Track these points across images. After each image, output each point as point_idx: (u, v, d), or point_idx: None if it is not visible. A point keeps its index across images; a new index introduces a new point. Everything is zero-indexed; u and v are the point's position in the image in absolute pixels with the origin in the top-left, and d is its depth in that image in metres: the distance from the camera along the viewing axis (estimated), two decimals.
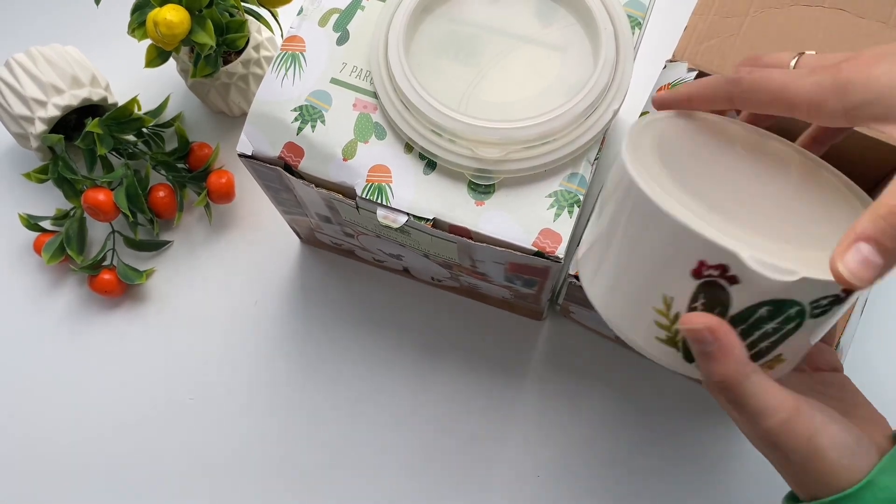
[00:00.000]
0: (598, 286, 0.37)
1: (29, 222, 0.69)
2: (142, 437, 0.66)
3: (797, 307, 0.32)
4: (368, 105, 0.51)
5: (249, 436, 0.66)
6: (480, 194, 0.49)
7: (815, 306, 0.32)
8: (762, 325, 0.32)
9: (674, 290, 0.33)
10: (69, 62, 0.68)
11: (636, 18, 0.52)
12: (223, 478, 0.65)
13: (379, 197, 0.50)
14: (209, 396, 0.67)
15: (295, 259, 0.71)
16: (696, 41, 0.56)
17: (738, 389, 0.32)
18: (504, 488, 0.63)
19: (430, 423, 0.65)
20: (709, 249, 0.31)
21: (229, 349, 0.68)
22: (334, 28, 0.53)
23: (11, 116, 0.68)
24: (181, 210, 0.70)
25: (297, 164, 0.51)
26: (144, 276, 0.69)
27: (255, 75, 0.70)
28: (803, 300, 0.32)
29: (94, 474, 0.65)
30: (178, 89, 0.75)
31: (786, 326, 0.33)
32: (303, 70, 0.52)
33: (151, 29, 0.59)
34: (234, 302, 0.69)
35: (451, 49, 0.52)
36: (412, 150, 0.50)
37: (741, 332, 0.33)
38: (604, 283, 0.37)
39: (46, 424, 0.67)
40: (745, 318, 0.32)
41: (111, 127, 0.68)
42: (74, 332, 0.69)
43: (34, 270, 0.71)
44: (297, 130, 0.51)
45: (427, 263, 0.60)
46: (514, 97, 0.50)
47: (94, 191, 0.67)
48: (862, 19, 0.56)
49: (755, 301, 0.32)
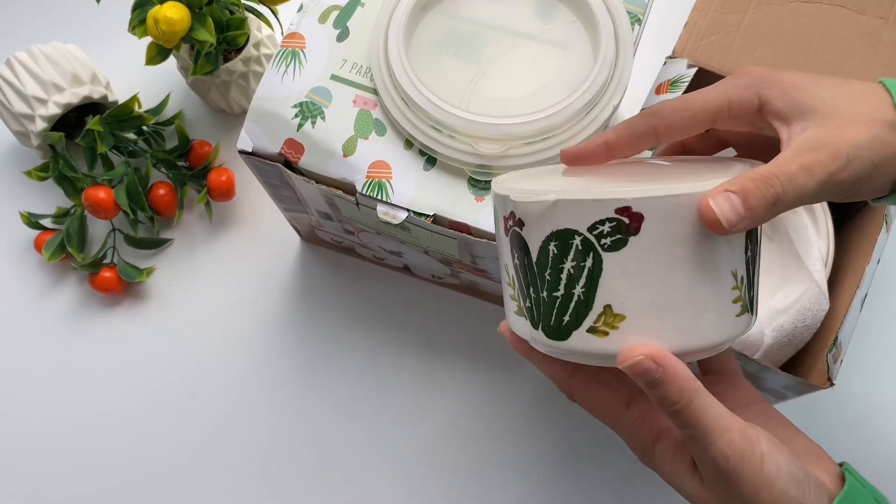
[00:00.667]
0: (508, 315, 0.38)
1: (29, 220, 0.69)
2: (142, 434, 0.66)
3: (578, 237, 0.31)
4: (368, 101, 0.51)
5: (250, 433, 0.66)
6: (480, 190, 0.49)
7: (598, 235, 0.31)
8: (560, 265, 0.32)
9: (505, 257, 0.35)
10: (70, 60, 0.69)
11: (636, 15, 0.53)
12: (224, 475, 0.65)
13: (379, 193, 0.50)
14: (209, 394, 0.67)
15: (295, 257, 0.71)
16: (697, 37, 0.56)
17: (689, 408, 0.31)
18: (505, 485, 0.63)
19: (430, 420, 0.65)
20: (501, 203, 0.34)
21: (230, 347, 0.68)
22: (334, 25, 0.53)
23: (12, 114, 0.68)
24: (181, 208, 0.70)
25: (297, 160, 0.51)
26: (145, 274, 0.69)
27: (256, 73, 0.70)
28: (579, 227, 0.31)
29: (94, 471, 0.65)
30: (179, 87, 0.75)
31: (584, 264, 0.31)
32: (303, 67, 0.52)
33: (152, 26, 0.59)
34: (235, 299, 0.69)
35: (451, 46, 0.52)
36: (412, 147, 0.50)
37: (551, 280, 0.32)
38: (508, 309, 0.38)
39: (47, 422, 0.67)
40: (545, 261, 0.32)
41: (112, 125, 0.68)
42: (75, 329, 0.69)
43: (35, 268, 0.71)
44: (298, 127, 0.51)
45: (427, 260, 0.60)
46: (514, 93, 0.50)
47: (94, 188, 0.67)
48: (861, 16, 0.56)
49: (542, 238, 0.32)
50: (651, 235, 0.30)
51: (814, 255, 0.58)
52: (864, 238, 0.56)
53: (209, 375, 0.67)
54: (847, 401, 0.65)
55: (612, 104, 0.49)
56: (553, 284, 0.32)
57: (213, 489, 0.64)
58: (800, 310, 0.56)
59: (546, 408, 0.65)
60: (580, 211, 0.31)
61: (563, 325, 0.33)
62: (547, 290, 0.33)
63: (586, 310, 0.32)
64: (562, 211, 0.31)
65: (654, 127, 0.36)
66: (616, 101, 0.49)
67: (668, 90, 0.54)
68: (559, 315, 0.33)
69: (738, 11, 0.57)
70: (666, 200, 0.30)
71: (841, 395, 0.64)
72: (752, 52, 0.56)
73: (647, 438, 0.35)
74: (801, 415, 0.63)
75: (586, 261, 0.31)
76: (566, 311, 0.32)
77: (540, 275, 0.33)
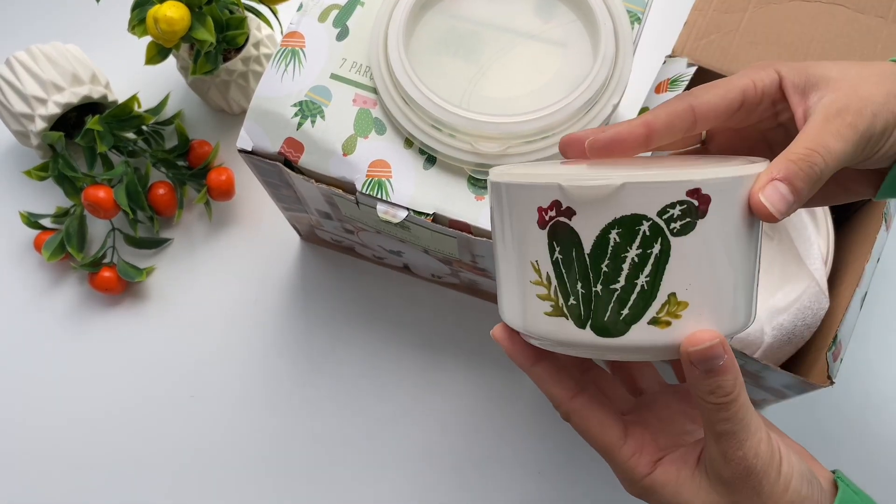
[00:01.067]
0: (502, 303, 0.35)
1: (29, 220, 0.69)
2: (142, 433, 0.66)
3: (647, 222, 0.29)
4: (368, 100, 0.51)
5: (250, 433, 0.66)
6: (480, 189, 0.49)
7: (667, 220, 0.29)
8: (624, 254, 0.30)
9: (535, 252, 0.32)
10: (69, 60, 0.69)
11: (635, 13, 0.53)
12: (224, 474, 0.65)
13: (379, 192, 0.50)
14: (209, 393, 0.67)
15: (295, 256, 0.71)
16: (696, 37, 0.56)
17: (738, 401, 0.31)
18: (505, 484, 0.63)
19: (430, 419, 0.65)
20: (536, 193, 0.31)
21: (229, 346, 0.68)
22: (334, 24, 0.53)
23: (12, 114, 0.68)
24: (181, 207, 0.70)
25: (297, 159, 0.51)
26: (144, 274, 0.69)
27: (255, 72, 0.70)
28: (647, 212, 0.29)
29: (94, 471, 0.65)
30: (178, 87, 0.75)
31: (651, 250, 0.30)
32: (302, 66, 0.52)
33: (152, 26, 0.59)
34: (235, 299, 0.69)
35: (451, 45, 0.52)
36: (412, 146, 0.50)
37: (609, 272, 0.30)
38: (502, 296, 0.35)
39: (46, 422, 0.67)
40: (603, 251, 0.30)
41: (111, 124, 0.68)
42: (75, 329, 0.69)
43: (34, 268, 0.71)
44: (297, 126, 0.51)
45: (427, 259, 0.60)
46: (514, 92, 0.50)
47: (94, 188, 0.67)
48: (861, 14, 0.56)
49: (600, 226, 0.30)
50: (715, 218, 0.30)
51: (814, 254, 0.58)
52: (864, 236, 0.56)
53: (209, 375, 0.67)
54: (847, 400, 0.65)
55: (611, 103, 0.49)
56: (611, 276, 0.30)
57: (213, 488, 0.64)
58: (800, 308, 0.56)
59: (546, 406, 0.65)
60: (651, 194, 0.29)
61: (621, 320, 0.31)
62: (603, 283, 0.31)
63: (650, 300, 0.30)
64: (629, 195, 0.29)
65: (692, 106, 0.35)
66: (616, 100, 0.49)
67: (668, 89, 0.54)
68: (617, 309, 0.31)
69: (737, 11, 0.57)
70: (732, 182, 0.30)
71: (841, 393, 0.64)
72: (752, 52, 0.56)
73: (641, 472, 0.34)
74: (801, 413, 0.64)
75: (653, 247, 0.30)
76: (626, 304, 0.31)
77: (594, 267, 0.30)
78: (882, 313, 0.67)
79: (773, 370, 0.51)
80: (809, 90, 0.35)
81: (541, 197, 0.31)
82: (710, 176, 0.29)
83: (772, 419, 0.65)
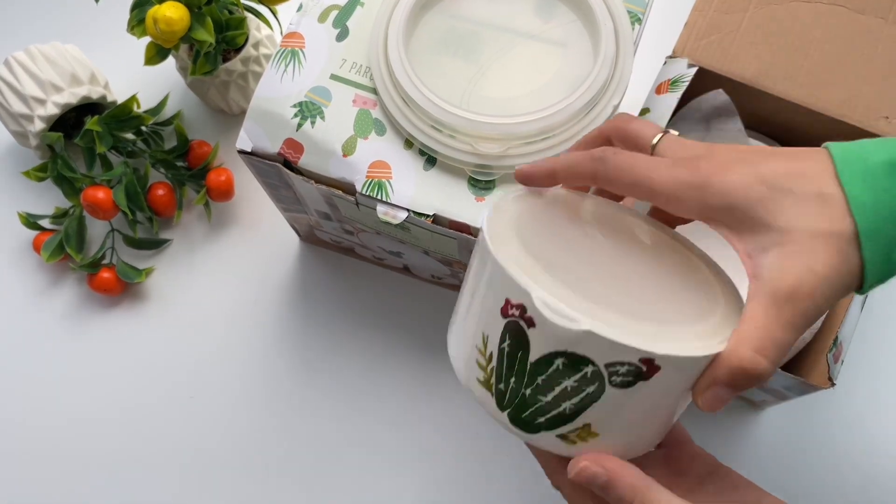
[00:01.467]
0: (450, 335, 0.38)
1: (28, 221, 0.69)
2: (141, 434, 0.66)
3: (592, 367, 0.31)
4: (368, 101, 0.51)
5: (249, 433, 0.65)
6: (481, 190, 0.49)
7: (612, 372, 0.31)
8: (561, 380, 0.32)
9: (489, 329, 0.34)
10: (68, 60, 0.68)
11: (636, 14, 0.52)
12: (223, 475, 0.65)
13: (379, 193, 0.50)
14: (209, 394, 0.67)
15: (294, 257, 0.71)
16: (696, 37, 0.56)
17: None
18: (505, 485, 0.63)
19: (430, 420, 0.65)
20: (512, 287, 0.32)
21: (229, 347, 0.68)
22: (334, 24, 0.53)
23: (11, 115, 0.67)
24: (180, 208, 0.70)
25: (296, 160, 0.51)
26: (144, 275, 0.69)
27: (255, 73, 0.70)
28: (597, 360, 0.31)
29: (93, 472, 0.65)
30: (177, 88, 0.75)
31: (585, 389, 0.32)
32: (302, 66, 0.52)
33: (151, 26, 0.59)
34: (234, 300, 0.69)
35: (451, 45, 0.52)
36: (412, 146, 0.50)
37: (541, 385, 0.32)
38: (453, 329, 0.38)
39: (45, 422, 0.67)
40: (544, 368, 0.32)
41: (110, 125, 0.67)
42: (74, 330, 0.69)
43: (33, 269, 0.71)
44: (297, 126, 0.51)
45: (427, 260, 0.60)
46: (514, 93, 0.50)
47: (93, 189, 0.67)
48: (861, 15, 0.56)
49: (550, 350, 0.31)
50: (658, 383, 0.32)
51: None
52: None
53: (209, 375, 0.67)
54: (847, 401, 0.65)
55: (612, 104, 0.49)
56: (542, 390, 0.32)
57: (212, 488, 0.64)
58: None
59: None
60: (607, 349, 0.31)
61: (534, 423, 0.33)
62: (533, 390, 0.33)
63: (565, 421, 0.33)
64: (589, 341, 0.31)
65: (596, 173, 0.37)
66: (616, 101, 0.49)
67: (669, 90, 0.54)
68: (535, 415, 0.33)
69: (737, 11, 0.57)
70: (687, 361, 0.32)
71: (841, 395, 0.64)
72: (752, 52, 0.56)
73: None
74: (801, 415, 0.64)
75: (589, 388, 0.32)
76: (544, 415, 0.33)
77: (531, 375, 0.32)
78: (882, 315, 0.67)
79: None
80: (745, 233, 0.33)
81: (513, 292, 0.32)
82: (670, 353, 0.31)
83: (772, 421, 0.65)
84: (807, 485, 0.62)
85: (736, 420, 0.64)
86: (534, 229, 0.38)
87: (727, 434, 0.64)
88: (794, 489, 0.62)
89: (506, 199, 0.39)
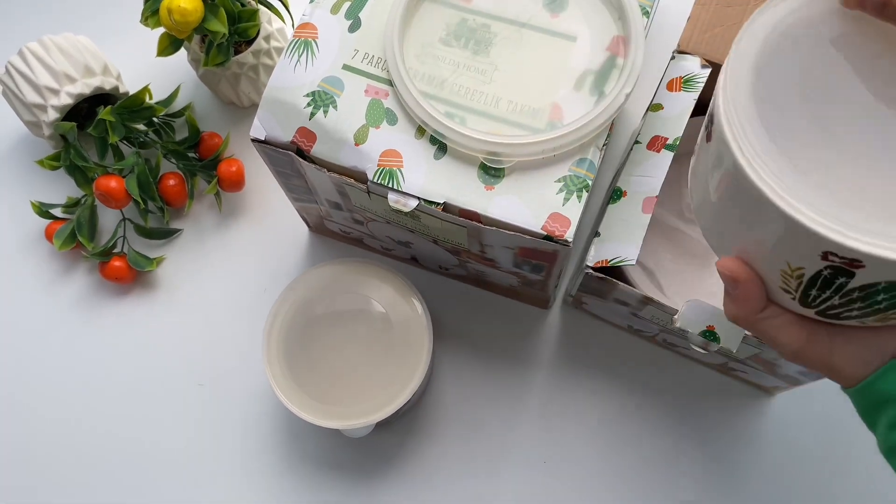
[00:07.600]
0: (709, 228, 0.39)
1: (41, 209, 0.70)
2: (151, 422, 0.67)
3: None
4: (380, 91, 0.52)
5: (259, 422, 0.66)
6: (491, 178, 0.50)
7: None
8: (877, 296, 0.33)
9: (801, 262, 0.34)
10: (81, 51, 0.69)
11: (644, 7, 0.53)
12: (233, 463, 0.65)
13: (390, 181, 0.50)
14: (219, 382, 0.67)
15: (304, 247, 0.71)
16: (701, 30, 0.57)
17: (751, 329, 0.38)
18: (511, 475, 0.64)
19: (435, 410, 0.66)
20: (838, 248, 0.31)
21: (238, 336, 0.68)
22: (346, 16, 0.54)
23: (24, 105, 0.68)
24: (191, 198, 0.71)
25: (309, 148, 0.52)
26: (155, 264, 0.69)
27: (266, 66, 0.70)
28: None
29: (104, 459, 0.66)
30: (189, 80, 0.76)
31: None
32: (315, 56, 0.53)
33: (165, 17, 0.60)
34: (244, 289, 0.70)
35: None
36: (423, 135, 0.51)
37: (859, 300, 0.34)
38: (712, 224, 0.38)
39: (57, 410, 0.67)
40: (865, 293, 0.34)
41: (123, 115, 0.68)
42: (85, 318, 0.70)
43: (46, 257, 0.72)
44: (310, 116, 0.52)
45: (435, 250, 0.61)
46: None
47: (105, 178, 0.67)
48: None
49: (876, 279, 0.33)
50: None
51: None
52: None
53: (218, 364, 0.68)
54: None
55: (624, 92, 0.50)
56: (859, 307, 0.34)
57: (223, 474, 0.65)
58: None
59: (552, 398, 0.66)
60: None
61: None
62: (847, 304, 0.35)
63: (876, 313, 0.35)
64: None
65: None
66: (629, 90, 0.50)
67: (682, 88, 0.55)
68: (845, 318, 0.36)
69: (739, 4, 0.58)
70: None
71: None
72: None
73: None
74: (815, 400, 0.64)
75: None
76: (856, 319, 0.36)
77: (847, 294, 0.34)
78: None
79: None
80: None
81: (839, 249, 0.32)
82: None
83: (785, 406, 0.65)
84: (818, 471, 0.63)
85: (748, 405, 0.65)
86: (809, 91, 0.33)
87: (739, 419, 0.64)
88: (805, 475, 0.63)
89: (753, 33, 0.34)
